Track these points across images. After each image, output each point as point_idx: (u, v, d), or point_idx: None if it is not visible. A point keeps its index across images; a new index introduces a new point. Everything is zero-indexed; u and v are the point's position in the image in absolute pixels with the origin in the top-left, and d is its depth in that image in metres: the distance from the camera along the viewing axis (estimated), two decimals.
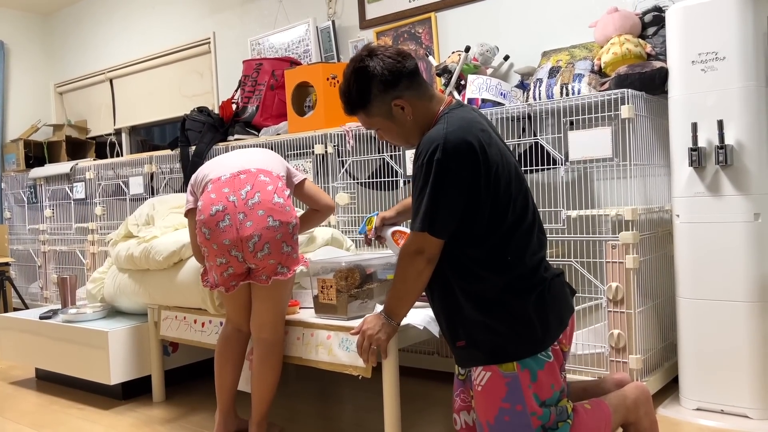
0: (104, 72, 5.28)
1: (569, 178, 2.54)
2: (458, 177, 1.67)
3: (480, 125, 1.76)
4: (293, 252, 2.07)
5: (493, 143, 1.75)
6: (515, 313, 1.72)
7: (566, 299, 1.82)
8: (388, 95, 1.78)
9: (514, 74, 3.02)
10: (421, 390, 2.68)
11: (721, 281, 2.19)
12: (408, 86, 1.78)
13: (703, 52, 2.20)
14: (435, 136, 1.70)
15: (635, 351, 2.26)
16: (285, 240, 2.03)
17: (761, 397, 2.16)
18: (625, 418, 1.84)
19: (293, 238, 2.07)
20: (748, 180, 2.15)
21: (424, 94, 1.81)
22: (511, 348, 1.71)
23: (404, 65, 1.78)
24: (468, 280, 1.74)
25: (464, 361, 1.84)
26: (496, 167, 1.71)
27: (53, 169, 4.48)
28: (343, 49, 3.66)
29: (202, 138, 3.54)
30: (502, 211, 1.72)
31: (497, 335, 1.72)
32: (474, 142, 1.69)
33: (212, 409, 2.57)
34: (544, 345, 1.73)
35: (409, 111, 1.79)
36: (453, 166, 1.66)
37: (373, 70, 1.77)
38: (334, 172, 3.03)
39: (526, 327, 1.71)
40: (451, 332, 1.82)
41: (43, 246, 4.58)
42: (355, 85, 1.79)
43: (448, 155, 1.66)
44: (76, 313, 2.88)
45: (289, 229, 2.04)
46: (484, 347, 1.74)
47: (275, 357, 2.11)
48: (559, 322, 1.77)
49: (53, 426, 2.47)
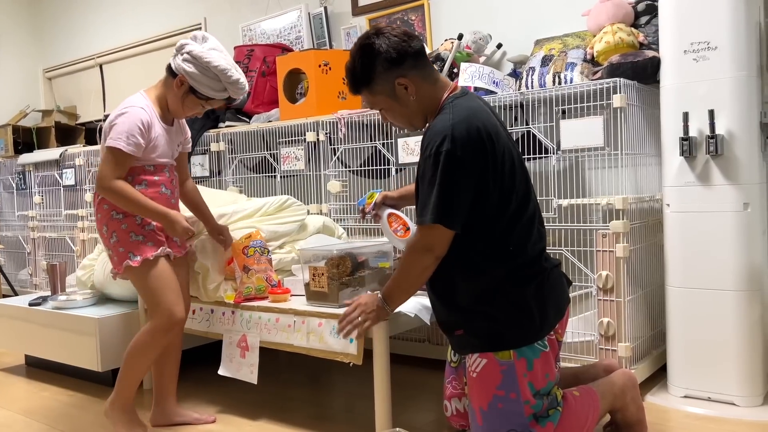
0: (94, 57, 5.23)
1: (561, 167, 2.55)
2: (467, 167, 1.66)
3: (485, 114, 1.76)
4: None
5: (499, 132, 1.75)
6: (515, 301, 1.72)
7: (563, 289, 1.84)
8: (391, 73, 1.78)
9: (506, 62, 3.01)
10: (412, 377, 2.69)
11: (710, 270, 2.21)
12: (413, 66, 1.78)
13: (695, 41, 2.20)
14: (441, 127, 1.69)
15: (624, 339, 2.28)
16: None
17: (748, 384, 2.18)
18: (612, 404, 1.87)
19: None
20: (738, 170, 2.16)
21: (429, 76, 1.81)
22: (509, 336, 1.72)
23: (410, 45, 1.78)
24: (469, 270, 1.75)
25: (461, 348, 1.85)
26: (502, 155, 1.71)
27: (42, 155, 4.44)
28: (336, 36, 3.64)
29: (193, 124, 3.51)
30: (506, 200, 1.72)
31: (496, 323, 1.73)
32: (482, 131, 1.68)
33: (202, 396, 2.57)
34: (542, 334, 1.74)
35: (413, 91, 1.79)
36: (461, 156, 1.65)
37: (378, 47, 1.77)
38: (326, 159, 3.02)
39: (525, 316, 1.72)
40: (449, 321, 1.83)
41: (32, 233, 4.55)
42: (360, 61, 1.80)
43: (456, 145, 1.65)
44: (66, 300, 2.87)
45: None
46: (481, 334, 1.75)
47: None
48: (557, 312, 1.79)
49: (43, 412, 2.47)
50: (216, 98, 2.10)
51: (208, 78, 2.04)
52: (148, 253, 2.08)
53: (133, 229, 2.09)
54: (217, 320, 2.35)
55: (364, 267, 2.18)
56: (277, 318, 2.17)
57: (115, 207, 2.08)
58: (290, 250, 2.60)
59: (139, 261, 2.07)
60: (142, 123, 2.04)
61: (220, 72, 2.03)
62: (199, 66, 2.02)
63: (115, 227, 2.09)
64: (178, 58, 2.06)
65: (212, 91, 2.07)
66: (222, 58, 2.05)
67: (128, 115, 2.02)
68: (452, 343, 1.89)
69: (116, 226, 2.09)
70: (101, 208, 2.12)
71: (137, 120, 2.02)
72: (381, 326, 1.92)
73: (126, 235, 2.08)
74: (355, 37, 3.53)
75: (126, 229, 2.09)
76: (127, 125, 2.01)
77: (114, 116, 2.04)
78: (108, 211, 2.10)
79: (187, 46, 2.05)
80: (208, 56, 2.02)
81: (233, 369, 2.28)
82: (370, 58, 1.78)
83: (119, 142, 1.99)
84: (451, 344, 1.90)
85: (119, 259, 2.10)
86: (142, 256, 2.07)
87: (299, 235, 2.65)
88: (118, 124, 2.02)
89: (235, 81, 2.06)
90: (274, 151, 3.21)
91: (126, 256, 2.08)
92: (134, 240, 2.08)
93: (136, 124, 2.01)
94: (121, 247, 2.09)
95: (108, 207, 2.10)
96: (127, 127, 2.00)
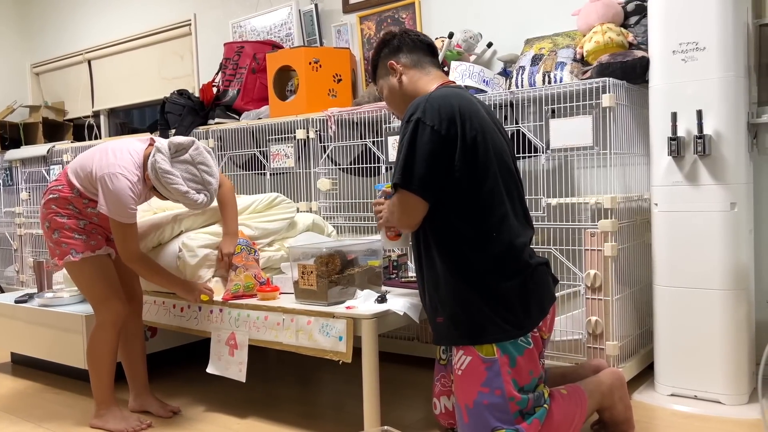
0: (82, 53, 5.18)
1: (550, 166, 2.56)
2: (434, 135, 1.71)
3: (468, 101, 1.80)
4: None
5: (480, 117, 1.77)
6: (497, 295, 1.73)
7: (548, 288, 1.84)
8: (388, 58, 1.96)
9: (497, 61, 3.02)
10: (401, 375, 2.69)
11: (697, 269, 2.22)
12: (408, 54, 1.94)
13: (683, 42, 2.21)
14: (418, 101, 1.79)
15: (612, 338, 2.29)
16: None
17: (733, 383, 2.20)
18: (600, 403, 1.88)
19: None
20: (725, 170, 2.18)
21: (423, 67, 1.94)
22: (490, 330, 1.73)
23: (414, 38, 1.96)
24: (453, 257, 1.77)
25: (441, 338, 1.87)
26: (474, 139, 1.74)
27: (29, 152, 4.40)
28: (326, 33, 3.63)
29: (182, 121, 3.50)
30: (478, 186, 1.74)
31: (477, 316, 1.74)
32: (455, 107, 1.74)
33: (191, 394, 2.56)
34: (524, 330, 1.74)
35: (400, 73, 1.93)
36: (430, 124, 1.72)
37: (390, 38, 1.97)
38: (316, 157, 3.01)
39: (507, 310, 1.73)
40: (432, 307, 1.85)
41: (19, 229, 4.51)
42: (374, 51, 2.02)
43: (425, 113, 1.73)
44: (53, 297, 2.85)
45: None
46: (462, 327, 1.76)
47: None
48: (540, 310, 1.79)
49: (29, 410, 2.45)
50: (179, 201, 2.13)
51: (167, 191, 2.08)
52: (89, 250, 2.17)
53: (76, 230, 2.18)
54: (206, 318, 2.34)
55: (353, 265, 2.17)
56: (266, 316, 2.16)
57: (61, 210, 2.18)
58: (279, 248, 2.59)
59: (79, 258, 2.16)
60: (134, 194, 2.09)
61: (177, 193, 2.07)
62: (159, 180, 2.07)
63: (57, 226, 2.18)
64: (151, 158, 2.08)
65: (172, 199, 2.12)
66: (185, 178, 2.06)
67: (122, 192, 2.05)
68: (434, 332, 1.90)
69: (59, 225, 2.18)
70: (49, 207, 2.20)
71: (131, 195, 2.07)
72: (370, 324, 1.92)
73: (69, 234, 2.18)
74: (345, 35, 3.52)
75: (69, 229, 2.18)
76: (126, 201, 2.06)
77: (107, 181, 2.05)
78: (55, 212, 2.19)
79: (158, 154, 2.06)
80: (168, 175, 2.04)
81: (222, 367, 2.27)
82: (379, 47, 1.99)
83: (129, 219, 2.09)
84: (433, 335, 1.91)
85: (61, 253, 2.18)
86: (83, 253, 2.16)
87: (288, 233, 2.64)
88: (116, 198, 2.04)
89: (192, 202, 2.09)
90: (264, 148, 3.20)
91: (68, 252, 2.17)
92: (77, 238, 2.18)
93: (131, 197, 2.07)
94: (64, 243, 2.17)
95: (56, 207, 2.18)
96: (127, 201, 2.06)
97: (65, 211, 2.18)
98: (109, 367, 2.22)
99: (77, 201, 2.19)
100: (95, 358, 2.21)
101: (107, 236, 2.26)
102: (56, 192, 2.19)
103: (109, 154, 2.11)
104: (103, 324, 2.19)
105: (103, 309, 2.19)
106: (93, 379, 2.23)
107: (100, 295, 2.18)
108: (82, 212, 2.20)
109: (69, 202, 2.18)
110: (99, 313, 2.20)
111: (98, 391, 2.23)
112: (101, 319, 2.19)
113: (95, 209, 2.16)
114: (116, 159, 2.09)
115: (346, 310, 2.00)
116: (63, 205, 2.18)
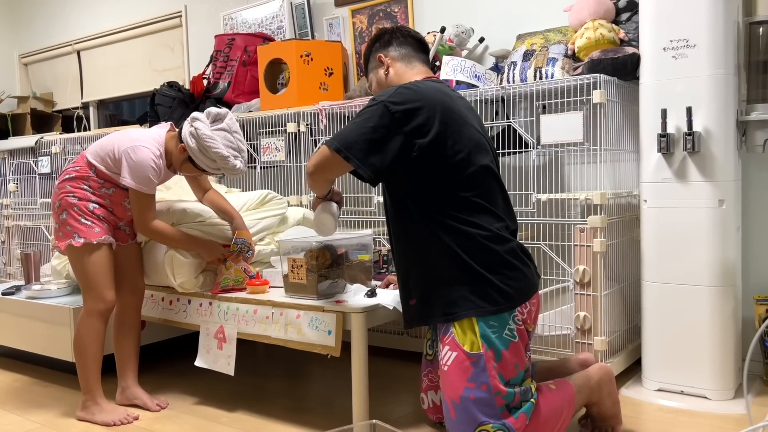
0: (71, 43, 5.13)
1: (540, 162, 2.56)
2: (386, 114, 1.74)
3: (443, 93, 1.82)
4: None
5: (453, 110, 1.80)
6: (472, 275, 1.74)
7: (528, 274, 1.82)
8: (377, 52, 1.99)
9: (488, 56, 3.01)
10: (390, 370, 2.69)
11: (685, 265, 2.24)
12: (397, 47, 1.97)
13: (674, 39, 2.22)
14: (395, 86, 1.83)
15: (600, 333, 2.31)
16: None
17: (720, 378, 2.22)
18: (589, 398, 1.88)
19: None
20: (714, 167, 2.19)
21: (409, 62, 1.97)
22: (463, 305, 1.74)
23: (404, 33, 1.98)
24: (426, 242, 1.79)
25: (413, 320, 1.88)
26: (444, 127, 1.76)
27: (17, 143, 4.36)
28: (318, 27, 3.61)
29: (172, 114, 3.47)
30: (449, 172, 1.76)
31: (451, 294, 1.75)
32: (425, 95, 1.77)
33: (179, 387, 2.55)
34: (500, 309, 1.74)
35: (387, 66, 1.97)
36: (388, 103, 1.75)
37: (382, 34, 2.00)
38: (307, 151, 3.00)
39: (482, 289, 1.74)
40: (405, 290, 1.87)
41: (6, 221, 4.47)
42: (366, 45, 2.05)
43: (391, 96, 1.77)
44: (40, 289, 2.84)
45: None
46: (435, 306, 1.78)
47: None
48: (519, 293, 1.77)
49: (16, 403, 2.43)
50: (211, 172, 2.22)
51: (206, 157, 2.14)
52: (92, 237, 2.17)
53: (84, 213, 2.19)
54: (195, 311, 2.33)
55: (343, 259, 2.17)
56: (255, 309, 2.16)
57: (74, 189, 2.20)
58: (269, 242, 2.58)
59: (81, 243, 2.16)
60: (156, 166, 2.16)
61: (219, 158, 2.13)
62: (200, 145, 2.11)
63: (67, 206, 2.19)
64: (186, 128, 2.15)
65: (208, 167, 2.17)
66: (224, 144, 2.13)
67: (145, 161, 2.13)
68: (406, 316, 1.91)
69: (68, 205, 2.19)
70: (63, 187, 2.22)
71: (153, 166, 2.15)
72: (359, 318, 1.92)
73: (76, 216, 2.19)
74: (337, 28, 3.51)
75: (77, 211, 2.19)
76: (148, 171, 2.14)
77: (130, 153, 2.13)
78: (67, 192, 2.20)
79: (197, 122, 2.14)
80: (210, 140, 2.10)
81: (210, 360, 2.27)
82: (372, 42, 2.03)
83: (150, 189, 2.16)
84: (405, 319, 1.91)
85: (64, 236, 2.20)
86: (86, 238, 2.16)
87: (279, 228, 2.64)
88: (139, 168, 2.12)
89: (231, 167, 2.15)
90: (255, 141, 3.19)
91: (71, 235, 2.18)
92: (82, 223, 2.18)
93: (153, 168, 2.15)
94: (69, 226, 2.19)
95: (70, 188, 2.21)
96: (149, 171, 2.14)
97: (79, 192, 2.20)
98: (95, 356, 2.22)
99: (93, 181, 2.22)
100: (81, 347, 2.21)
101: (115, 224, 2.28)
102: (73, 172, 2.23)
103: (132, 134, 2.21)
104: (91, 312, 2.19)
105: (93, 297, 2.19)
106: (79, 367, 2.23)
107: (93, 283, 2.19)
108: (96, 192, 2.22)
109: (85, 181, 2.22)
110: (88, 301, 2.20)
111: (84, 380, 2.23)
112: (89, 307, 2.20)
113: (110, 190, 2.22)
114: (138, 137, 2.19)
115: (336, 304, 2.00)
116: (78, 184, 2.21)
